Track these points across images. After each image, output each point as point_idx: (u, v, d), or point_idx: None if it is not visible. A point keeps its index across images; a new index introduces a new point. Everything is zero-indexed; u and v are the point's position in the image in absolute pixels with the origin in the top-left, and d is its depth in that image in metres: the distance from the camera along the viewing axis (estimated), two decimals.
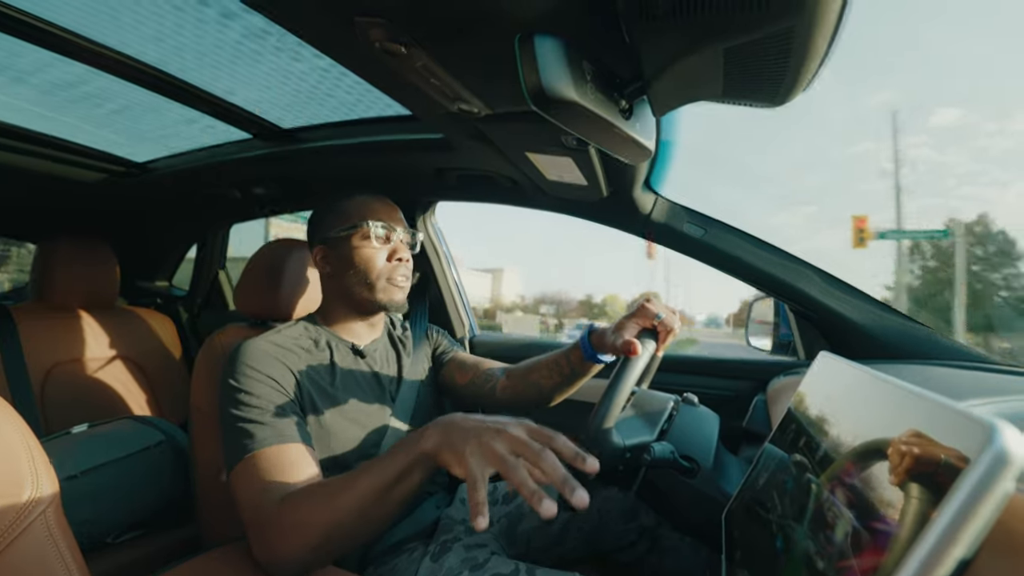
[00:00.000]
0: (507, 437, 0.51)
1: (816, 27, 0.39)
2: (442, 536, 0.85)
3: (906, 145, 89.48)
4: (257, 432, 0.71)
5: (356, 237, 0.90)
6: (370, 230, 0.89)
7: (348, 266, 0.90)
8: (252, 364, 0.78)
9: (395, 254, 0.92)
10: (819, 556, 0.37)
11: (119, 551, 1.06)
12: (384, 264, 0.91)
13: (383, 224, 0.91)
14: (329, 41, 0.65)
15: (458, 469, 0.53)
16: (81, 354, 1.43)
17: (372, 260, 0.90)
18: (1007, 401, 0.62)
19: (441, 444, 0.56)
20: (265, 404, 0.75)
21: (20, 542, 0.48)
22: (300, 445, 0.73)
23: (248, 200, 1.51)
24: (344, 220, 0.91)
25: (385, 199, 0.96)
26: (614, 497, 0.97)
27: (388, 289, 0.91)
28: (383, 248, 0.91)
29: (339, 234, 0.91)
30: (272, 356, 0.81)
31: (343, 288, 0.92)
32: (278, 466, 0.68)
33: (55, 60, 0.89)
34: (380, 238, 0.91)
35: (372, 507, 0.60)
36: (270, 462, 0.69)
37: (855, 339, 1.01)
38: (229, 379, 0.77)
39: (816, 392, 0.54)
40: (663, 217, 1.11)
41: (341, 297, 0.94)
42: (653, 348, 0.77)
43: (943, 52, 70.56)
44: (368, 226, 0.89)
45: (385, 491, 0.59)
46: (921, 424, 0.33)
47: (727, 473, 0.75)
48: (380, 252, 0.91)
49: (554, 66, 0.49)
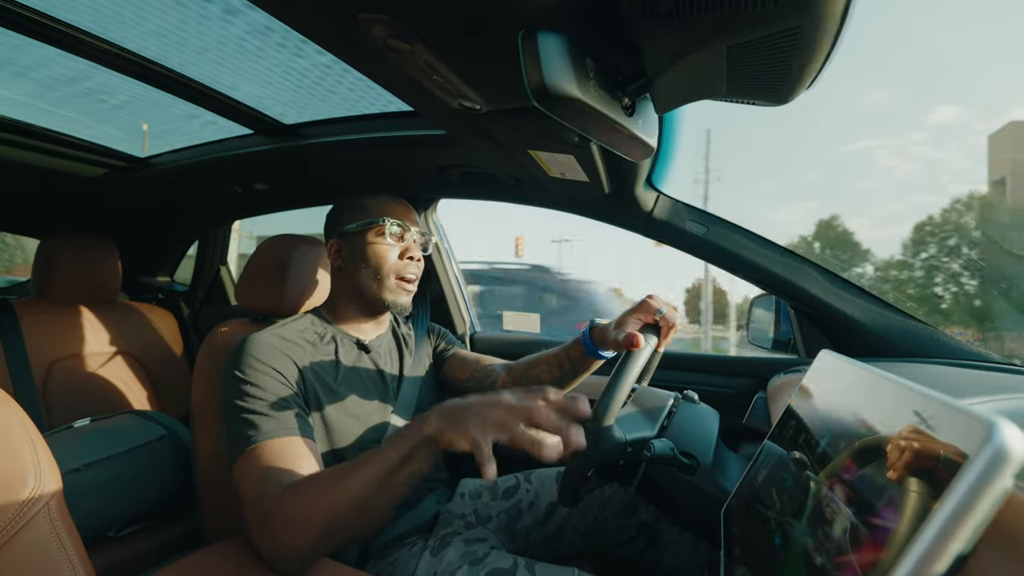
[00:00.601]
0: (503, 405, 0.55)
1: (821, 26, 0.39)
2: (442, 530, 0.86)
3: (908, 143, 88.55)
4: (261, 424, 0.72)
5: (371, 233, 0.92)
6: (385, 227, 0.91)
7: (360, 260, 0.92)
8: (257, 356, 0.79)
9: (407, 252, 0.93)
10: (818, 552, 0.38)
11: (121, 545, 1.07)
12: (395, 261, 0.92)
13: (398, 222, 0.93)
14: (332, 38, 0.65)
15: (463, 443, 0.55)
16: (83, 349, 1.43)
17: (384, 256, 0.91)
18: (1008, 399, 0.62)
19: (443, 426, 0.57)
20: (269, 396, 0.75)
21: (23, 535, 0.48)
22: (303, 438, 0.73)
23: (250, 196, 1.51)
24: (361, 215, 0.93)
25: (403, 200, 0.98)
26: (613, 493, 0.98)
27: (396, 288, 0.92)
28: (396, 245, 0.93)
29: (355, 229, 0.92)
30: (277, 349, 0.81)
31: (353, 282, 0.93)
32: (281, 458, 0.69)
33: (57, 55, 0.89)
34: (394, 235, 0.92)
35: (374, 495, 0.60)
36: (273, 454, 0.69)
37: (856, 337, 1.01)
38: (234, 371, 0.78)
39: (816, 390, 0.54)
40: (665, 215, 1.11)
41: (350, 292, 0.95)
42: (655, 343, 0.77)
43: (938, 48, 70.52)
44: (384, 223, 0.91)
45: (387, 477, 0.60)
46: (920, 421, 0.33)
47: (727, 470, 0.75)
48: (393, 249, 0.92)
49: (557, 63, 0.49)
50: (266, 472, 0.67)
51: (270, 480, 0.66)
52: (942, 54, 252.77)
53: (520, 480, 1.02)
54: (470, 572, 0.74)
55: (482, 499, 0.98)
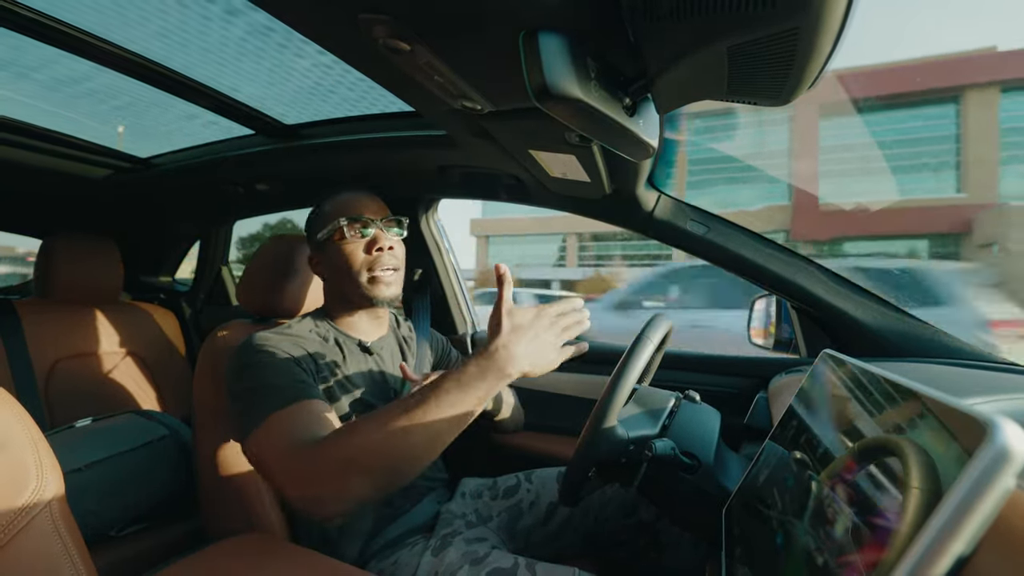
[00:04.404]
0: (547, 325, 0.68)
1: (821, 27, 0.39)
2: (442, 530, 0.86)
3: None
4: (279, 393, 0.72)
5: (335, 237, 0.90)
6: (343, 227, 0.89)
7: (334, 268, 0.91)
8: (264, 345, 0.79)
9: (374, 244, 0.90)
10: (819, 552, 0.38)
11: (122, 544, 1.07)
12: (364, 257, 0.90)
13: (356, 217, 0.90)
14: (333, 38, 0.65)
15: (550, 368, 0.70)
16: (85, 349, 1.44)
17: (351, 256, 0.89)
18: (1010, 399, 0.62)
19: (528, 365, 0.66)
20: (283, 371, 0.75)
21: (25, 534, 0.48)
22: (323, 402, 0.74)
23: (251, 196, 1.51)
24: (324, 223, 0.91)
25: (364, 194, 0.94)
26: (614, 493, 0.98)
27: (373, 283, 0.90)
28: (360, 241, 0.90)
29: (323, 238, 0.91)
30: (289, 341, 0.83)
31: (336, 289, 0.93)
32: (307, 417, 0.70)
33: (59, 56, 0.89)
34: (355, 232, 0.89)
35: (444, 433, 0.63)
36: (298, 414, 0.70)
37: (858, 337, 1.01)
38: (244, 359, 0.78)
39: (818, 389, 0.54)
40: (666, 214, 1.11)
41: (338, 297, 0.95)
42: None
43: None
44: (341, 223, 0.89)
45: (464, 417, 0.64)
46: (922, 421, 0.33)
47: (728, 470, 0.75)
48: (358, 246, 0.90)
49: (558, 63, 0.49)
50: (294, 428, 0.68)
51: (303, 433, 0.67)
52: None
53: (521, 480, 1.02)
54: (471, 572, 0.74)
55: (483, 498, 0.98)
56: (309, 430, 0.67)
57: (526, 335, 0.65)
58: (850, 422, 0.43)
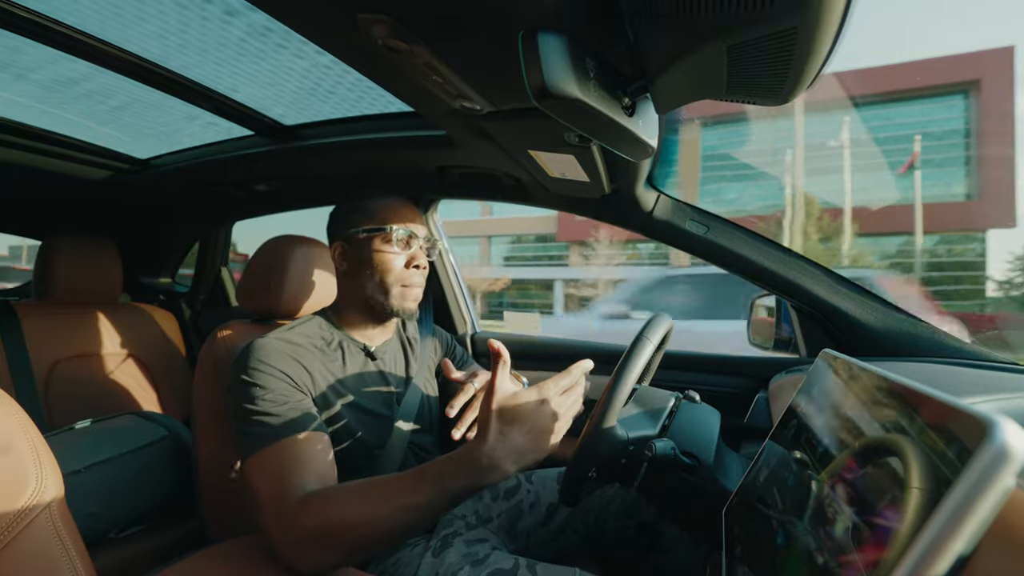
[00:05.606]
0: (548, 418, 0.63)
1: (820, 26, 0.39)
2: (443, 531, 0.86)
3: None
4: (275, 423, 0.72)
5: (378, 240, 0.90)
6: (392, 234, 0.89)
7: (366, 267, 0.90)
8: (266, 360, 0.79)
9: (413, 261, 0.91)
10: (819, 552, 0.38)
11: (122, 546, 1.07)
12: (401, 270, 0.90)
13: (405, 229, 0.91)
14: (332, 38, 0.65)
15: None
16: (84, 350, 1.44)
17: (390, 264, 0.90)
18: (1009, 398, 0.62)
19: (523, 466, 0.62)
20: (280, 399, 0.75)
21: (25, 537, 0.48)
22: (317, 434, 0.73)
23: (250, 197, 1.51)
24: (368, 220, 0.91)
25: (410, 204, 0.96)
26: (615, 493, 0.97)
27: (402, 295, 0.91)
28: (402, 254, 0.91)
29: (361, 234, 0.91)
30: (286, 354, 0.81)
31: (358, 289, 0.92)
32: (299, 458, 0.69)
33: (58, 57, 0.89)
34: (401, 242, 0.90)
35: (417, 521, 0.63)
36: (290, 452, 0.69)
37: (858, 337, 1.01)
38: (243, 375, 0.78)
39: (818, 389, 0.54)
40: (665, 214, 1.11)
41: (355, 297, 0.94)
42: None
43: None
44: (391, 230, 0.89)
45: (441, 507, 0.62)
46: (922, 420, 0.33)
47: (728, 469, 0.75)
48: (399, 257, 0.90)
49: (557, 63, 0.49)
50: (284, 472, 0.67)
51: (290, 481, 0.66)
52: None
53: (521, 480, 1.02)
54: (471, 573, 0.74)
55: (483, 499, 0.98)
56: (300, 477, 0.67)
57: (520, 431, 0.61)
58: (850, 421, 0.43)
